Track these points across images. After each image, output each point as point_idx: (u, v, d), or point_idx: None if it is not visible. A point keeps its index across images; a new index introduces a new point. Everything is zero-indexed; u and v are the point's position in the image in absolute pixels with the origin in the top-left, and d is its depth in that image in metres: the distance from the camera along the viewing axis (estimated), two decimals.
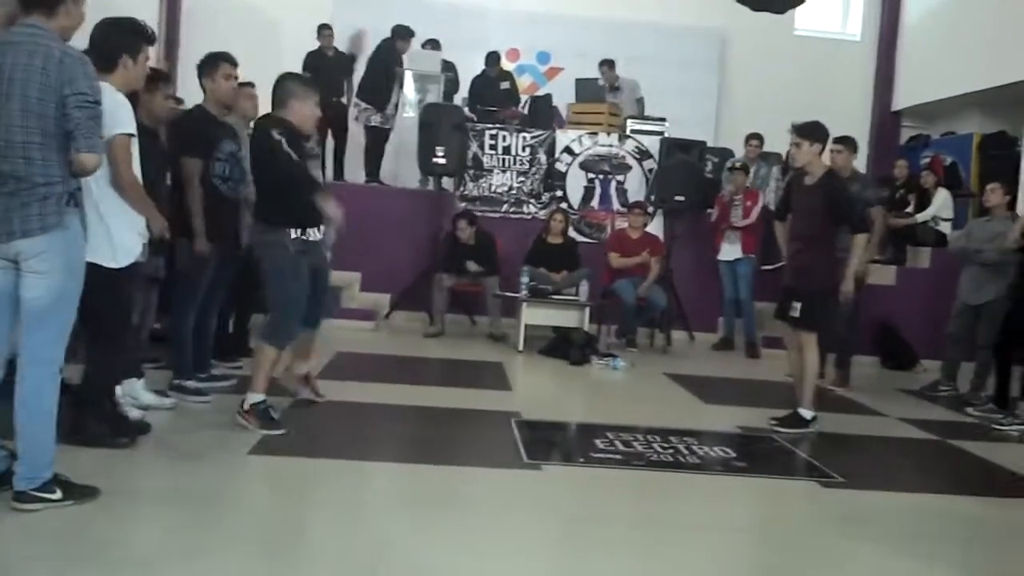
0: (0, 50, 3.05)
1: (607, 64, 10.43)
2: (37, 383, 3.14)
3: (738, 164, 8.82)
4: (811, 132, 5.31)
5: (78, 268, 3.21)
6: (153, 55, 8.78)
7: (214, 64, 5.08)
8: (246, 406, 4.47)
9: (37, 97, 3.02)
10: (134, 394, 4.57)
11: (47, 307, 3.13)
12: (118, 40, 3.77)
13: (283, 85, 4.57)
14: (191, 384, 5.03)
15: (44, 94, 3.03)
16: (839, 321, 6.77)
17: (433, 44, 10.54)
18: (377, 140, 9.95)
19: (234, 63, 5.14)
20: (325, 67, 9.93)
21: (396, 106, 10.00)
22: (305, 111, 4.55)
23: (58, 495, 3.16)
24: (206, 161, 4.94)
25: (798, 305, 5.28)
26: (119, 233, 3.83)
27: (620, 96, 10.41)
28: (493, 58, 10.49)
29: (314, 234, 4.57)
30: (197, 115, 5.14)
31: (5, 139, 3.04)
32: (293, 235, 4.44)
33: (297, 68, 9.84)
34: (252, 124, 5.33)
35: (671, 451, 4.70)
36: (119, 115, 3.63)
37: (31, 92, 3.02)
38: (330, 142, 9.91)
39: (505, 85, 10.30)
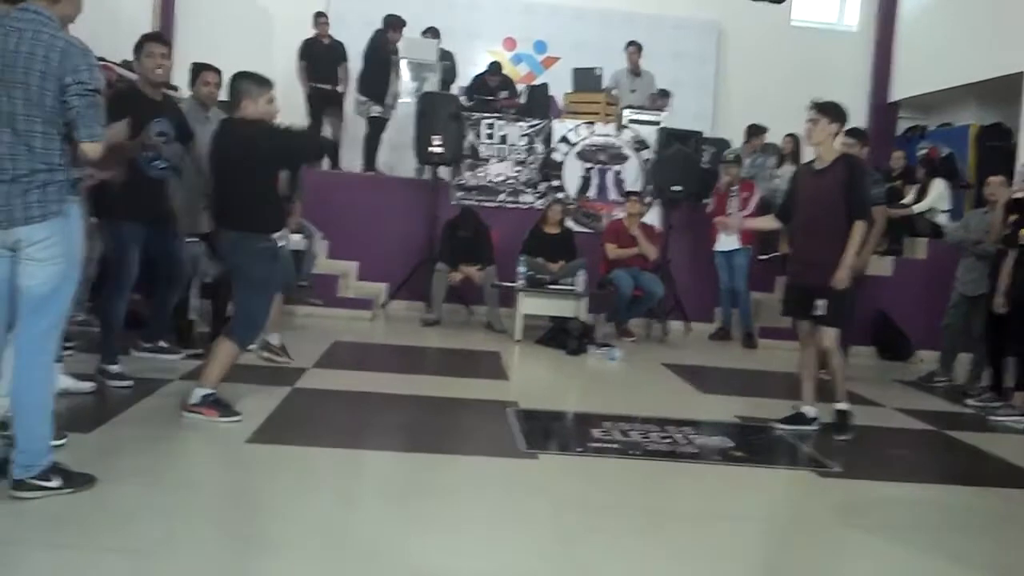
0: (2, 34, 3.00)
1: (634, 46, 10.40)
2: (33, 373, 3.13)
3: (731, 156, 8.81)
4: (830, 110, 5.02)
5: (77, 256, 3.19)
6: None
7: (143, 43, 5.04)
8: (195, 399, 4.34)
9: (38, 85, 2.99)
10: None
11: (46, 296, 3.10)
12: None
13: (234, 84, 4.43)
14: (114, 368, 4.95)
15: (45, 82, 2.99)
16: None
17: (433, 32, 10.50)
18: (375, 130, 9.92)
19: (165, 43, 5.11)
20: (320, 55, 9.92)
21: (395, 96, 9.97)
22: (257, 110, 4.39)
23: (56, 483, 3.15)
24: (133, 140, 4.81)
25: (823, 303, 4.99)
26: None
27: (639, 82, 10.39)
28: (494, 67, 10.44)
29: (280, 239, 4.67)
30: (126, 92, 5.05)
31: (10, 127, 3.01)
32: (269, 241, 4.45)
33: (291, 57, 9.87)
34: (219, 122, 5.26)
35: (668, 440, 4.70)
36: None
37: (32, 80, 2.98)
38: (326, 130, 9.90)
39: (504, 95, 10.21)
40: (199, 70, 5.83)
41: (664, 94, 11.04)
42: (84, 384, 4.72)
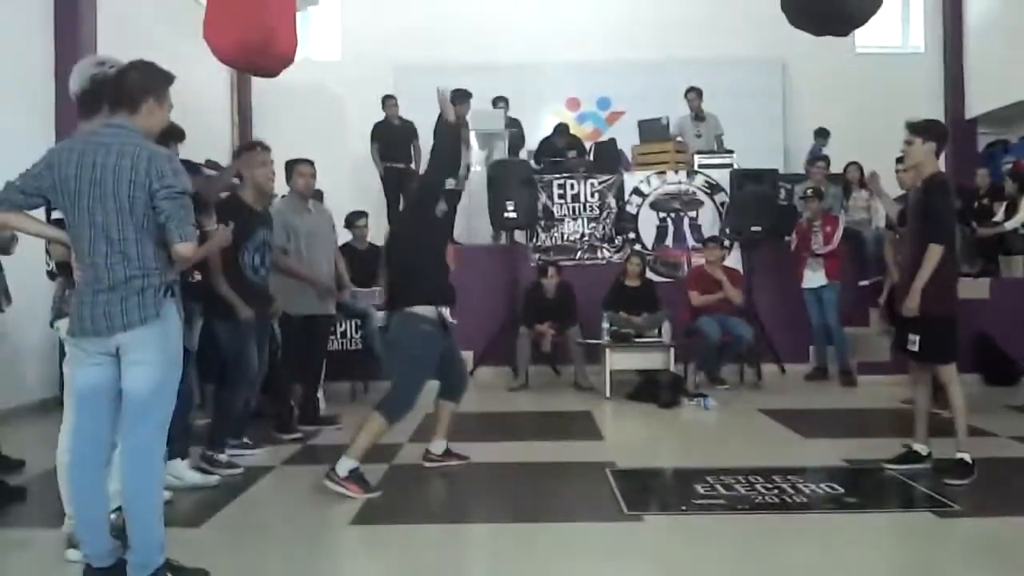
0: (92, 150, 3.15)
1: (694, 91, 10.37)
2: (142, 477, 3.20)
3: (810, 192, 8.66)
4: (924, 129, 4.83)
5: (177, 358, 3.27)
6: (227, 139, 9.08)
7: (250, 151, 5.21)
8: (342, 472, 4.52)
9: (128, 194, 3.11)
10: (177, 474, 4.59)
11: (148, 398, 3.18)
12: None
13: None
14: (223, 457, 5.05)
15: (135, 191, 3.11)
16: None
17: (503, 101, 10.70)
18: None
19: (267, 148, 5.27)
20: (392, 136, 10.17)
21: (468, 167, 10.14)
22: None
23: None
24: (238, 251, 5.00)
25: (916, 338, 4.78)
26: None
27: (703, 127, 10.38)
28: (561, 128, 10.74)
29: (448, 313, 4.72)
30: (231, 204, 5.17)
31: (105, 237, 3.14)
32: (432, 313, 4.62)
33: (365, 140, 10.14)
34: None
35: (776, 491, 4.56)
36: None
37: (122, 190, 3.11)
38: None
39: (572, 154, 10.36)
40: (293, 164, 6.04)
41: None
42: (211, 478, 4.81)
